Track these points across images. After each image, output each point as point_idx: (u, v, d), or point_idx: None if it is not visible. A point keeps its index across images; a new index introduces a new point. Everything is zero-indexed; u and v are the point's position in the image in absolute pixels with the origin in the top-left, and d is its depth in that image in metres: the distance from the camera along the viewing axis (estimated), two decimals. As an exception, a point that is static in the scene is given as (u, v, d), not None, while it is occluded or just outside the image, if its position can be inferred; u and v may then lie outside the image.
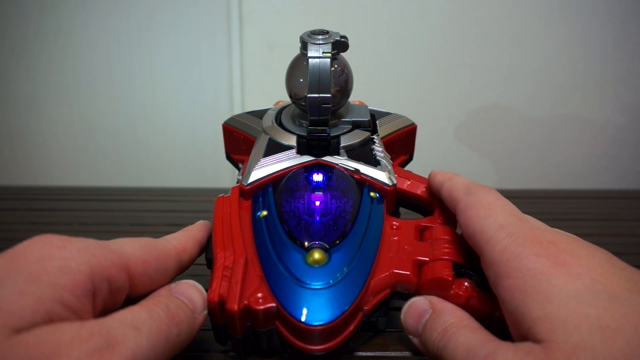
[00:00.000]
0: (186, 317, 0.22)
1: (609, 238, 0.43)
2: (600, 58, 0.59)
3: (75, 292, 0.19)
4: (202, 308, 0.24)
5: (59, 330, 0.18)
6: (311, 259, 0.25)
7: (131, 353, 0.19)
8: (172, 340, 0.21)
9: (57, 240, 0.21)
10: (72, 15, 0.60)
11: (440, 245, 0.27)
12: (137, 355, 0.19)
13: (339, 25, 0.33)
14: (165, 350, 0.21)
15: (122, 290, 0.22)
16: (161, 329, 0.21)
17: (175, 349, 0.21)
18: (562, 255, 0.20)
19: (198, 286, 0.24)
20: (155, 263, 0.24)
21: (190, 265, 0.27)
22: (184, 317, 0.22)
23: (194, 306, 0.23)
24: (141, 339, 0.19)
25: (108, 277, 0.21)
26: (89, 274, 0.20)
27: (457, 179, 0.27)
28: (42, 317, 0.18)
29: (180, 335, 0.22)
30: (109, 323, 0.19)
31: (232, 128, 0.36)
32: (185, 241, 0.27)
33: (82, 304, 0.20)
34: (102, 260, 0.21)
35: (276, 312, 0.24)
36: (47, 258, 0.20)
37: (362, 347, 0.28)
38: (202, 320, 0.24)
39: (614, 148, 0.63)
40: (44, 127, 0.65)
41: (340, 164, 0.31)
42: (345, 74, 0.32)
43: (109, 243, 0.23)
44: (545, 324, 0.19)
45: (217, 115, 0.63)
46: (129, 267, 0.22)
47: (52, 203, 0.53)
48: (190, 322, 0.23)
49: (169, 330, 0.21)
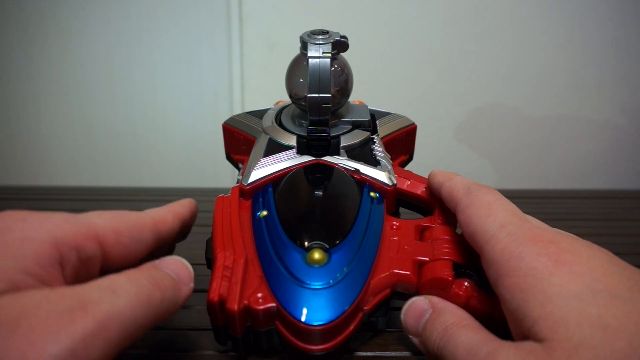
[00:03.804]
0: (170, 284, 0.22)
1: (609, 238, 0.43)
2: (600, 58, 0.59)
3: (40, 262, 0.19)
4: (188, 280, 0.23)
5: (26, 295, 0.18)
6: (311, 259, 0.25)
7: (106, 314, 0.18)
8: (154, 305, 0.20)
9: (17, 214, 0.21)
10: (72, 15, 0.60)
11: (440, 245, 0.27)
12: (113, 317, 0.18)
13: (339, 25, 0.33)
14: (146, 315, 0.20)
15: (94, 259, 0.22)
16: (141, 293, 0.20)
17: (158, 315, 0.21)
18: (563, 254, 0.20)
19: (183, 261, 0.24)
20: (129, 232, 0.24)
21: (170, 239, 0.27)
22: (168, 284, 0.22)
23: (179, 277, 0.23)
24: (118, 302, 0.19)
25: (75, 246, 0.21)
26: (52, 243, 0.20)
27: (456, 179, 0.27)
28: (7, 285, 0.18)
29: (164, 302, 0.21)
30: (83, 287, 0.19)
31: (232, 128, 0.36)
32: (164, 214, 0.27)
33: (48, 273, 0.19)
34: (67, 230, 0.21)
35: (276, 312, 0.24)
36: (6, 230, 0.20)
37: (362, 347, 0.28)
38: (188, 293, 0.23)
39: (614, 148, 0.63)
40: (44, 127, 0.65)
41: (340, 164, 0.31)
42: (345, 74, 0.32)
43: (75, 215, 0.22)
44: (546, 322, 0.19)
45: (217, 115, 0.63)
46: (98, 236, 0.22)
47: (52, 203, 0.53)
48: (175, 290, 0.22)
49: (150, 294, 0.20)
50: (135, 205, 0.53)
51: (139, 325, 0.19)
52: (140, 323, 0.19)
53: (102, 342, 0.18)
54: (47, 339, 0.16)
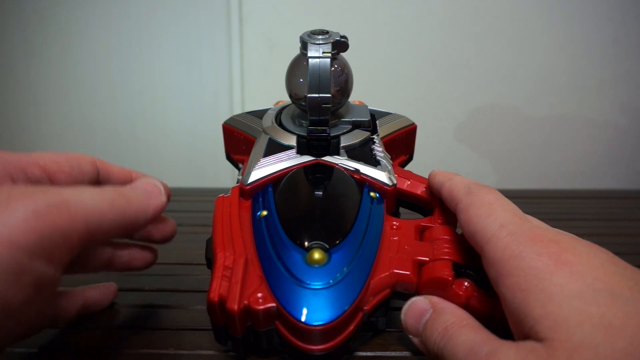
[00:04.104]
0: (136, 195, 0.23)
1: (609, 238, 0.43)
2: (600, 58, 0.59)
3: None
4: (157, 193, 0.25)
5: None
6: (311, 259, 0.25)
7: (69, 199, 0.19)
8: (118, 207, 0.22)
9: None
10: (72, 16, 0.60)
11: (440, 245, 0.27)
12: (77, 204, 0.20)
13: (339, 25, 0.33)
14: (110, 213, 0.21)
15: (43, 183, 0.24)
16: (105, 196, 0.21)
17: (125, 217, 0.22)
18: (564, 253, 0.20)
19: (152, 179, 0.26)
20: (67, 162, 0.26)
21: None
22: (133, 194, 0.23)
23: (147, 191, 0.24)
24: (82, 194, 0.20)
25: (20, 168, 0.23)
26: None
27: (457, 179, 0.27)
28: None
29: (130, 206, 0.22)
30: (50, 189, 0.20)
31: (232, 128, 0.36)
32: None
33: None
34: (12, 157, 0.23)
35: (276, 312, 0.24)
36: None
37: (362, 347, 0.28)
38: (158, 204, 0.25)
39: (614, 148, 0.63)
40: (44, 127, 0.65)
41: (340, 164, 0.31)
42: (345, 74, 0.32)
43: None
44: (547, 322, 0.19)
45: (217, 115, 0.63)
46: (39, 163, 0.24)
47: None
48: (141, 199, 0.23)
49: (114, 198, 0.22)
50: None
51: (105, 220, 0.21)
52: (105, 220, 0.21)
53: (65, 225, 0.19)
54: (14, 207, 0.18)
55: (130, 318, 0.31)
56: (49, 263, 0.19)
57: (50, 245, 0.19)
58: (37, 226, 0.18)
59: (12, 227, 0.18)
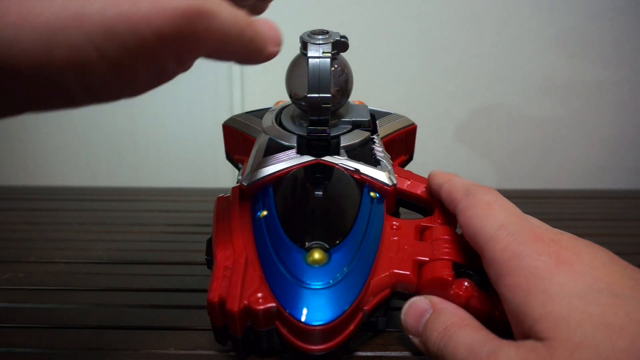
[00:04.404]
0: (261, 33, 0.21)
1: (609, 238, 0.43)
2: (600, 58, 0.59)
3: None
4: (277, 41, 0.22)
5: None
6: (311, 259, 0.25)
7: (216, 30, 0.18)
8: (245, 38, 0.19)
9: None
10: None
11: (440, 245, 0.27)
12: (219, 35, 0.18)
13: (339, 25, 0.33)
14: (235, 40, 0.19)
15: None
16: (239, 21, 0.19)
17: (246, 49, 0.20)
18: (564, 253, 0.20)
19: (274, 24, 0.22)
20: None
21: None
22: (259, 31, 0.20)
23: (268, 34, 0.21)
24: (221, 10, 0.18)
25: None
26: None
27: (456, 180, 0.27)
28: None
29: (252, 42, 0.20)
30: None
31: (232, 128, 0.36)
32: None
33: None
34: None
35: (276, 312, 0.24)
36: None
37: (362, 347, 0.28)
38: (273, 52, 0.22)
39: (614, 148, 0.63)
40: (44, 127, 0.65)
41: (340, 164, 0.31)
42: (345, 74, 0.32)
43: None
44: (547, 322, 0.19)
45: (217, 115, 0.63)
46: None
47: (52, 203, 0.53)
48: (263, 41, 0.21)
49: (243, 29, 0.19)
50: (135, 205, 0.53)
51: (226, 43, 0.19)
52: (228, 43, 0.19)
53: (201, 36, 0.17)
54: None
55: (131, 318, 0.31)
56: (174, 61, 0.18)
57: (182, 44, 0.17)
58: (183, 26, 0.16)
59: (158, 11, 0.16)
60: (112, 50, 0.16)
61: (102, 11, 0.15)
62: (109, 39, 0.15)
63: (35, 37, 0.14)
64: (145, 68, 0.17)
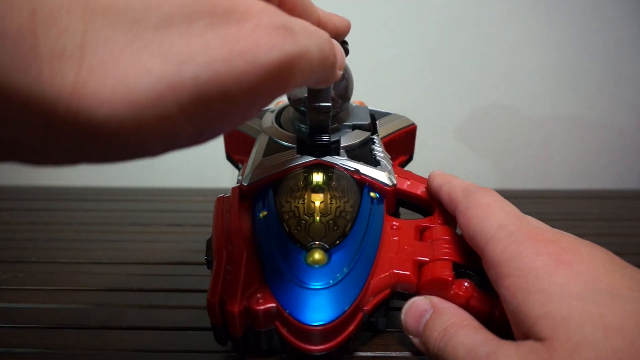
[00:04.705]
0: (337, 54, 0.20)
1: (609, 238, 0.43)
2: (600, 58, 0.59)
3: None
4: (342, 65, 0.21)
5: None
6: (311, 259, 0.25)
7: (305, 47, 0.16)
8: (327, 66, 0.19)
9: None
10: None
11: (440, 246, 0.27)
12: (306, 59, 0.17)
13: (339, 25, 0.33)
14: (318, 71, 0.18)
15: None
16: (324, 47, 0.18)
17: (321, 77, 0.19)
18: (564, 253, 0.20)
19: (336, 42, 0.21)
20: None
21: None
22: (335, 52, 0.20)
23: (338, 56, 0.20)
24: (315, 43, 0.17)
25: None
26: None
27: (455, 182, 0.27)
28: None
29: (327, 67, 0.19)
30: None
31: (232, 128, 0.36)
32: None
33: None
34: None
35: (276, 312, 0.24)
36: None
37: (362, 347, 0.28)
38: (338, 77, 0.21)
39: (614, 148, 0.63)
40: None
41: (340, 164, 0.31)
42: (346, 80, 0.32)
43: None
44: (547, 322, 0.19)
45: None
46: None
47: (52, 203, 0.53)
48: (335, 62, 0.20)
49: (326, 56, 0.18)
50: (135, 205, 0.53)
51: (311, 72, 0.18)
52: (312, 72, 0.18)
53: (301, 67, 0.16)
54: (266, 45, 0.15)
55: (131, 318, 0.31)
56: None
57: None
58: (275, 77, 0.16)
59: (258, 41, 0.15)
60: (201, 114, 0.15)
61: (196, 75, 0.14)
62: (200, 106, 0.14)
63: (129, 114, 0.13)
64: (229, 122, 0.16)
